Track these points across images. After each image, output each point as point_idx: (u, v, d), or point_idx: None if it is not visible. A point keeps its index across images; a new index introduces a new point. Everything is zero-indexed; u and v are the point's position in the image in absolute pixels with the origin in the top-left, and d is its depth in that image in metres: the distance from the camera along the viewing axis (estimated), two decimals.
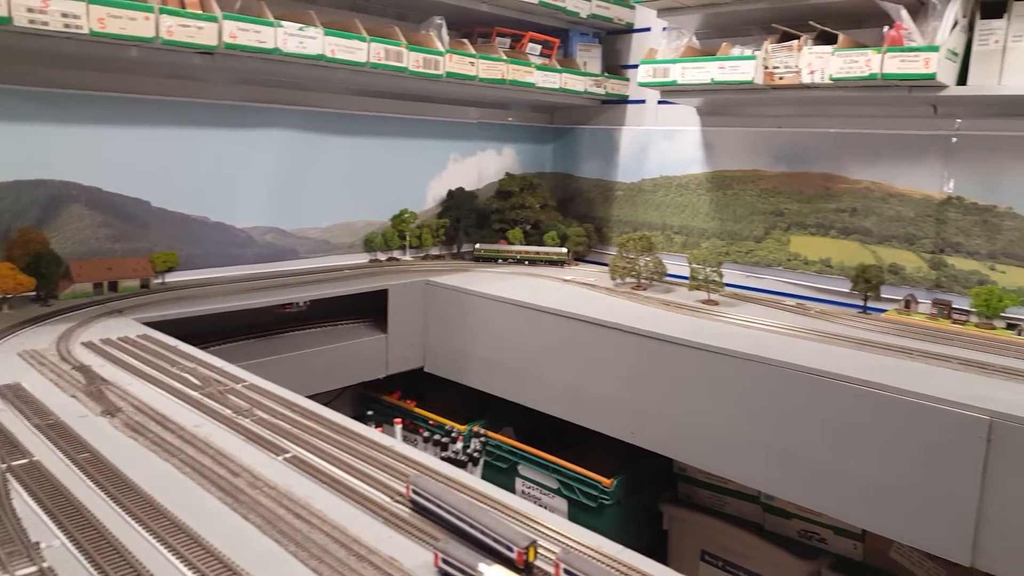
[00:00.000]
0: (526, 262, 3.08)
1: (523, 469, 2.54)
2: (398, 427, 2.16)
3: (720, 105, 3.02)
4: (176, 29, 1.93)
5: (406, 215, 2.97)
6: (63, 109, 2.17)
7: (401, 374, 2.74)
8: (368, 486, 1.16)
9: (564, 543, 1.02)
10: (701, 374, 2.05)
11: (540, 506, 2.47)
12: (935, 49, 2.17)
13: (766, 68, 2.54)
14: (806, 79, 2.44)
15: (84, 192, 2.24)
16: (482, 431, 2.04)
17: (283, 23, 2.15)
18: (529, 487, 2.52)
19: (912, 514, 1.69)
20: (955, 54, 2.24)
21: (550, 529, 1.06)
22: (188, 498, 1.10)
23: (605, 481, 2.31)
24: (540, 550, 0.96)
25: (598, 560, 0.97)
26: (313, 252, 2.79)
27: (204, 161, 2.48)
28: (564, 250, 3.10)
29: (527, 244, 3.24)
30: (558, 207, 3.52)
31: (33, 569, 0.90)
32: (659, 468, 2.51)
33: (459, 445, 1.98)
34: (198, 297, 2.24)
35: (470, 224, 3.19)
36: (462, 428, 2.11)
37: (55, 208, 2.19)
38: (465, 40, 2.78)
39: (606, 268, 2.88)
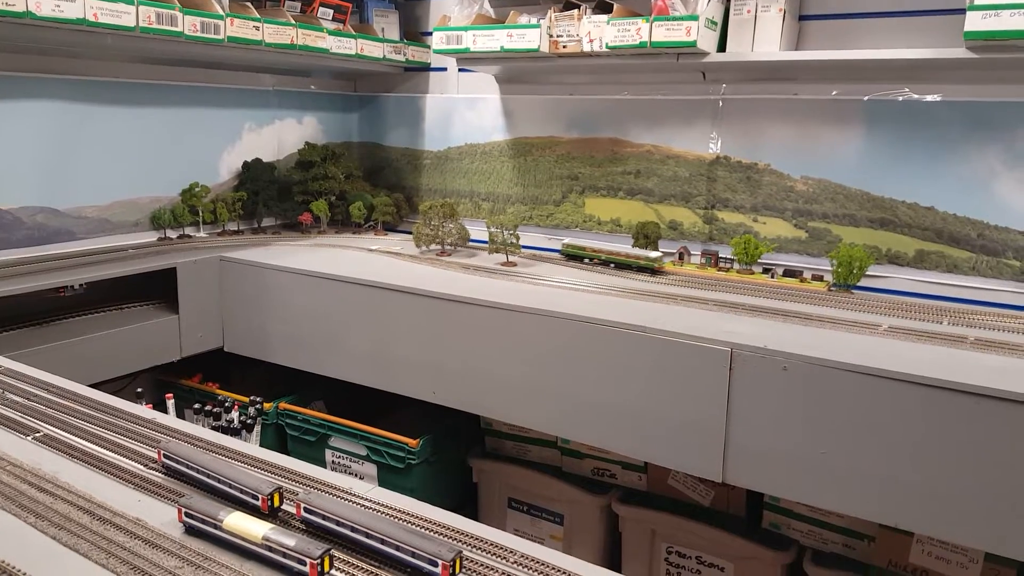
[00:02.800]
0: (612, 265, 2.58)
1: (333, 440, 2.54)
2: (170, 402, 2.11)
3: (516, 73, 3.11)
4: None
5: (197, 189, 2.83)
6: None
7: (206, 358, 2.65)
8: (121, 456, 1.13)
9: (310, 486, 1.06)
10: (496, 331, 2.14)
11: (350, 474, 2.50)
12: (695, 18, 2.35)
13: (551, 36, 2.65)
14: (587, 47, 2.58)
15: None
16: (259, 400, 2.05)
17: None
18: (339, 457, 2.53)
19: (677, 441, 1.88)
20: (714, 23, 2.45)
21: (305, 477, 1.08)
22: None
23: (411, 442, 2.36)
24: (287, 495, 0.98)
25: (347, 500, 1.01)
26: (93, 232, 2.59)
27: None
28: (656, 254, 2.53)
29: (333, 215, 3.19)
30: (367, 177, 3.49)
31: None
32: (468, 425, 2.60)
33: (233, 415, 1.96)
34: None
35: (270, 197, 3.10)
36: (244, 399, 2.09)
37: None
38: (249, 3, 2.67)
39: None
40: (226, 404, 1.97)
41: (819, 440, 1.70)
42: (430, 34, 3.14)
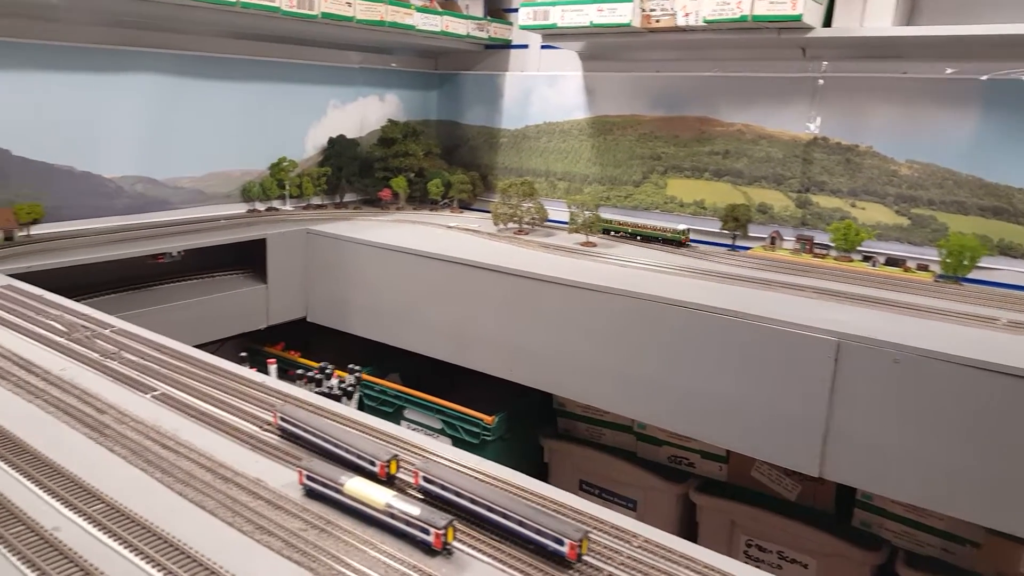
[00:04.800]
0: (638, 237, 2.67)
1: (408, 413, 2.55)
2: (272, 367, 2.15)
3: (600, 49, 3.05)
4: None
5: (285, 163, 2.87)
6: None
7: (287, 327, 2.69)
8: (237, 417, 1.14)
9: (425, 456, 1.05)
10: (576, 311, 2.11)
11: None
12: None
13: (643, 11, 2.58)
14: (681, 22, 2.50)
15: None
16: (358, 369, 2.08)
17: None
18: (414, 429, 2.54)
19: (769, 432, 1.81)
20: None
21: (414, 446, 1.08)
22: (51, 435, 1.07)
23: (487, 419, 2.35)
24: (402, 464, 0.98)
25: (455, 468, 1.00)
26: (187, 202, 2.66)
27: (67, 107, 2.32)
28: (683, 227, 2.62)
29: (411, 192, 3.19)
30: (444, 155, 3.49)
31: None
32: (540, 404, 2.59)
33: (333, 381, 1.98)
34: (66, 248, 2.14)
35: (352, 173, 3.12)
36: (342, 374, 2.12)
37: None
38: None
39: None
40: (327, 371, 2.00)
41: (928, 437, 1.62)
42: (515, 10, 3.10)
